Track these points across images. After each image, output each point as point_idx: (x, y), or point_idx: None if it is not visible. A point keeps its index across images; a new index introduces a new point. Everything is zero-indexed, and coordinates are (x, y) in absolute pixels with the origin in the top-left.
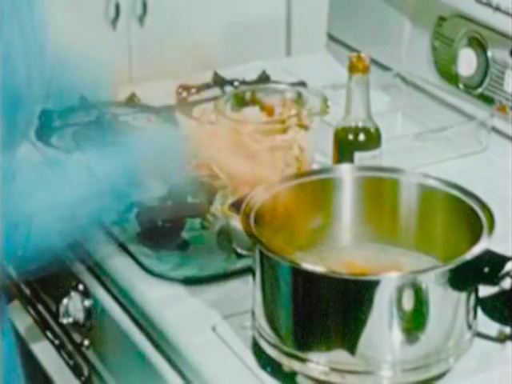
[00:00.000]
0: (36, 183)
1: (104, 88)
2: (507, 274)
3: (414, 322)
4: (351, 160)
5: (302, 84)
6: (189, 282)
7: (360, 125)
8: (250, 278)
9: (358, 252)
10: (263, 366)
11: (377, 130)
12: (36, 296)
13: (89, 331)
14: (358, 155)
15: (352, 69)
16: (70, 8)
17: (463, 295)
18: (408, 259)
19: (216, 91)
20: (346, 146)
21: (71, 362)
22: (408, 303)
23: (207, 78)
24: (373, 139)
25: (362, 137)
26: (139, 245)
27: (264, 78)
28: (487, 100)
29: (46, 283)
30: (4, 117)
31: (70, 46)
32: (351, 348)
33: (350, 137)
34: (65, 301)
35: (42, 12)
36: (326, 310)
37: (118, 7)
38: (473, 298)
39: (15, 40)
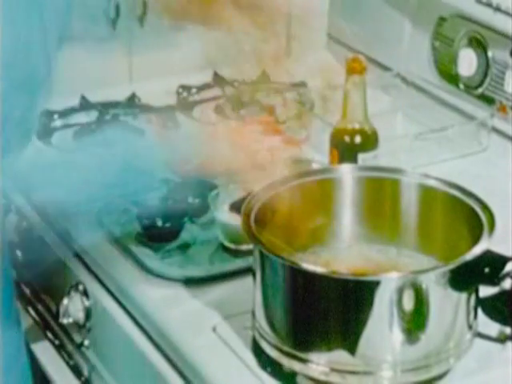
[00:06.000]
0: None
1: None
2: (507, 275)
3: (415, 322)
4: (348, 161)
5: (302, 84)
6: (189, 282)
7: (357, 126)
8: (250, 278)
9: (358, 252)
10: (263, 367)
11: (374, 131)
12: (36, 296)
13: (89, 331)
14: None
15: (349, 70)
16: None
17: (463, 295)
18: (408, 259)
19: (216, 91)
20: (342, 147)
21: (71, 362)
22: (408, 303)
23: (207, 77)
24: (369, 141)
25: (358, 139)
26: (139, 245)
27: (264, 78)
28: (487, 100)
29: (46, 283)
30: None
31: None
32: (351, 348)
33: (347, 138)
34: (65, 301)
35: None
36: (326, 311)
37: (118, 7)
38: (473, 298)
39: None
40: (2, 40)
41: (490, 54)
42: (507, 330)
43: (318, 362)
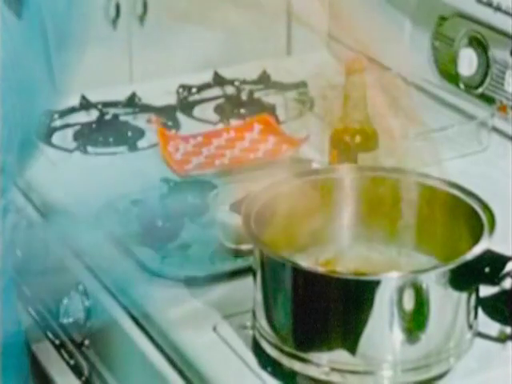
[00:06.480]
0: None
1: None
2: (508, 274)
3: (415, 322)
4: (348, 161)
5: (303, 84)
6: (189, 282)
7: (357, 126)
8: (250, 278)
9: (358, 252)
10: (264, 366)
11: (374, 132)
12: (36, 296)
13: (89, 331)
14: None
15: (349, 70)
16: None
17: (464, 295)
18: (408, 259)
19: (216, 91)
20: (342, 147)
21: (72, 362)
22: (408, 303)
23: (207, 77)
24: (369, 141)
25: (358, 139)
26: (139, 245)
27: (264, 78)
28: (488, 100)
29: (46, 283)
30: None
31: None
32: (352, 348)
33: (347, 138)
34: (65, 301)
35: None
36: (326, 310)
37: (118, 7)
38: (473, 298)
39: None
40: (1, 40)
41: (490, 53)
42: (507, 329)
43: (319, 362)
